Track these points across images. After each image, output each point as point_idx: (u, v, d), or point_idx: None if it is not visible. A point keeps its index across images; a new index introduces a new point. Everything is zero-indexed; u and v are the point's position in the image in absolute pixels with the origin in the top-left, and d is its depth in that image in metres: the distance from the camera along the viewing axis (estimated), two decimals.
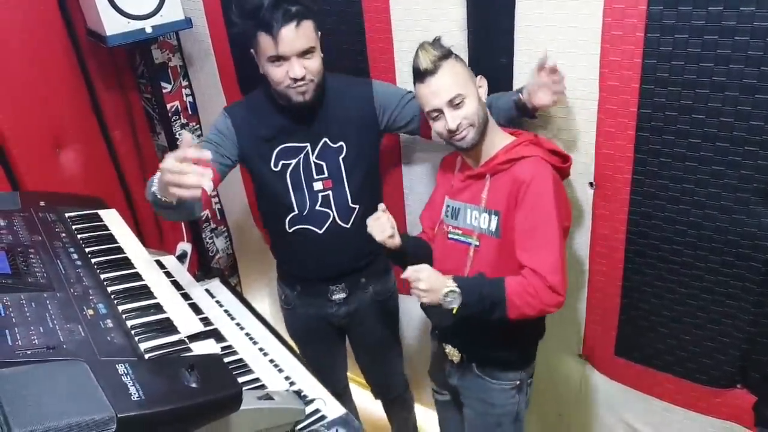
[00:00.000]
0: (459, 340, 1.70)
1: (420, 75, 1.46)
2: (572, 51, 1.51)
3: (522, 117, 1.62)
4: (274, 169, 1.76)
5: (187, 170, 1.30)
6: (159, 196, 1.45)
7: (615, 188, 1.60)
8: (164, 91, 2.48)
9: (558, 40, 1.52)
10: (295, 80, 1.59)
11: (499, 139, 1.54)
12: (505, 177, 1.50)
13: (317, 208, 1.79)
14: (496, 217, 1.51)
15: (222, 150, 1.72)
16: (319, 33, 1.63)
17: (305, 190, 1.77)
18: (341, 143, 1.75)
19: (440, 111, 1.46)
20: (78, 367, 1.05)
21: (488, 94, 1.55)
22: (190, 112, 2.63)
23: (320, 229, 1.81)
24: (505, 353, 1.66)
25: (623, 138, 1.53)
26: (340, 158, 1.76)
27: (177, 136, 2.56)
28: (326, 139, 1.75)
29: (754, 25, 1.24)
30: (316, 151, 1.75)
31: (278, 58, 1.58)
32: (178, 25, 2.16)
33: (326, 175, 1.77)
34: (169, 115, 2.51)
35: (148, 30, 2.07)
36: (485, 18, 1.63)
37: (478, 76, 1.53)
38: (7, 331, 1.12)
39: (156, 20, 2.08)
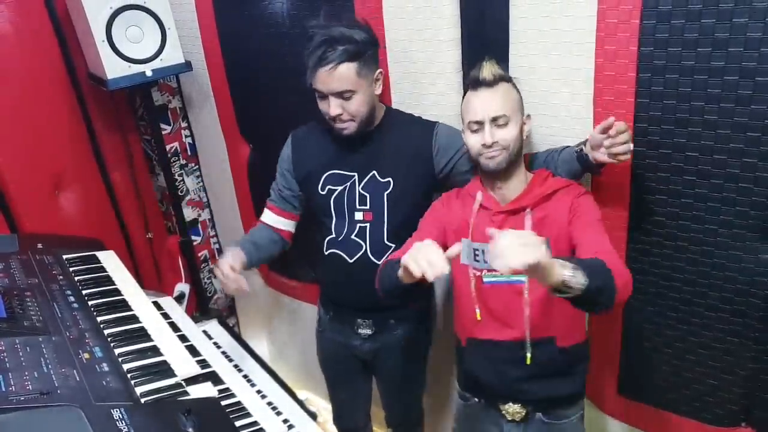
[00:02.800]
0: (526, 393, 1.58)
1: (476, 84, 1.48)
2: (566, 66, 1.52)
3: (585, 172, 1.55)
4: (320, 192, 1.80)
5: (228, 281, 1.66)
6: None
7: (612, 226, 1.60)
8: (164, 132, 2.50)
9: (552, 56, 1.54)
10: (331, 117, 1.66)
11: (525, 177, 1.55)
12: (547, 208, 1.48)
13: (352, 237, 1.80)
14: (544, 246, 1.46)
15: (289, 192, 1.88)
16: (377, 70, 1.67)
17: (346, 217, 1.79)
18: (389, 179, 1.75)
19: (481, 124, 1.47)
20: (72, 413, 1.04)
21: None
22: (189, 153, 2.65)
23: (351, 258, 1.81)
24: (570, 388, 1.59)
25: (619, 175, 1.54)
26: (386, 193, 1.76)
27: (176, 177, 2.58)
28: (375, 172, 1.76)
29: (742, 65, 1.26)
30: (363, 182, 1.77)
31: (320, 94, 1.65)
32: (178, 68, 2.20)
33: (368, 207, 1.77)
34: (169, 156, 2.53)
35: (149, 73, 2.10)
36: (480, 37, 1.66)
37: (528, 114, 1.54)
38: (0, 376, 1.11)
39: (156, 64, 2.12)
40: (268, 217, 1.92)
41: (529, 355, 1.51)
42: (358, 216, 1.78)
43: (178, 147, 2.61)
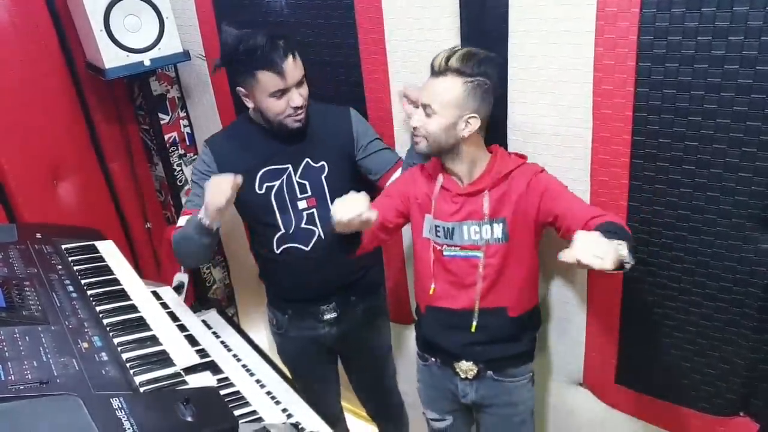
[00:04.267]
0: (476, 352, 1.68)
1: (431, 67, 1.52)
2: (566, 55, 1.51)
3: None
4: (258, 191, 1.81)
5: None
6: (205, 222, 1.64)
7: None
8: (162, 122, 2.49)
9: (551, 45, 1.53)
10: (296, 108, 1.69)
11: (479, 159, 1.59)
12: (504, 186, 1.56)
13: (303, 226, 1.83)
14: (501, 224, 1.56)
15: None
16: None
17: (290, 209, 1.82)
18: (323, 162, 1.82)
19: (416, 106, 1.59)
20: (71, 402, 1.04)
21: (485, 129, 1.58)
22: (188, 143, 2.65)
23: (307, 247, 1.84)
24: (519, 348, 1.69)
25: (618, 165, 1.53)
26: (323, 177, 1.82)
27: (175, 167, 2.57)
28: (308, 159, 1.81)
29: (742, 54, 1.26)
30: (299, 171, 1.81)
31: (282, 92, 1.66)
32: (176, 57, 2.19)
33: (310, 193, 1.82)
34: (167, 146, 2.52)
35: (147, 63, 2.10)
36: (479, 26, 1.65)
37: (475, 115, 1.49)
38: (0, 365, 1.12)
39: (154, 53, 2.11)
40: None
41: (474, 323, 1.62)
42: (302, 205, 1.82)
43: (176, 137, 2.60)
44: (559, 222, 1.51)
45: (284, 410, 1.63)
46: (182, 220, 1.80)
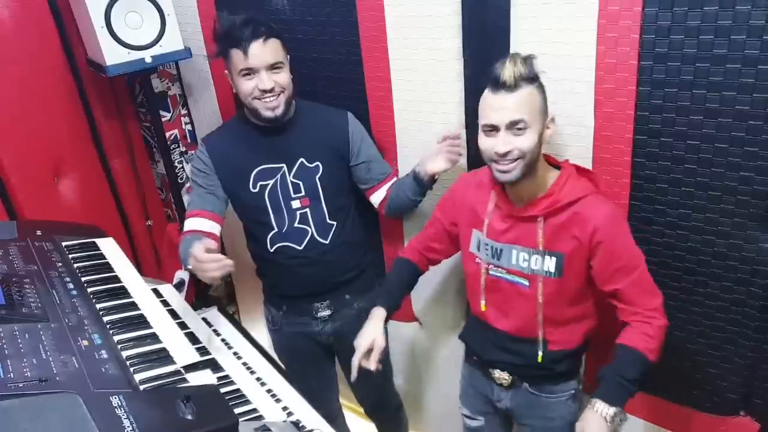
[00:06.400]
0: (509, 363, 1.63)
1: (495, 85, 1.33)
2: (568, 53, 1.51)
3: (420, 188, 1.80)
4: (252, 190, 1.81)
5: (209, 265, 1.49)
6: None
7: None
8: (163, 119, 2.49)
9: (553, 43, 1.52)
10: (264, 92, 1.68)
11: (543, 175, 1.44)
12: (564, 216, 1.42)
13: (296, 225, 1.83)
14: (555, 259, 1.43)
15: (214, 189, 1.83)
16: (288, 55, 1.74)
17: (284, 208, 1.82)
18: (317, 163, 1.82)
19: (496, 129, 1.35)
20: (70, 400, 1.04)
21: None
22: (189, 141, 2.65)
23: (300, 246, 1.85)
24: (556, 370, 1.59)
25: (620, 164, 1.53)
26: (317, 177, 1.82)
27: (176, 165, 2.57)
28: (303, 160, 1.81)
29: (744, 53, 1.25)
30: (293, 171, 1.81)
31: (248, 72, 1.67)
32: (177, 55, 2.19)
33: (303, 193, 1.83)
34: (168, 143, 2.52)
35: (148, 60, 2.09)
36: (481, 48, 1.65)
37: (552, 117, 1.41)
38: None
39: (156, 50, 2.10)
40: (200, 223, 1.79)
41: (540, 354, 1.56)
42: (296, 204, 1.83)
43: (177, 134, 2.60)
44: (617, 297, 1.44)
45: (285, 408, 1.63)
46: (188, 224, 1.80)
